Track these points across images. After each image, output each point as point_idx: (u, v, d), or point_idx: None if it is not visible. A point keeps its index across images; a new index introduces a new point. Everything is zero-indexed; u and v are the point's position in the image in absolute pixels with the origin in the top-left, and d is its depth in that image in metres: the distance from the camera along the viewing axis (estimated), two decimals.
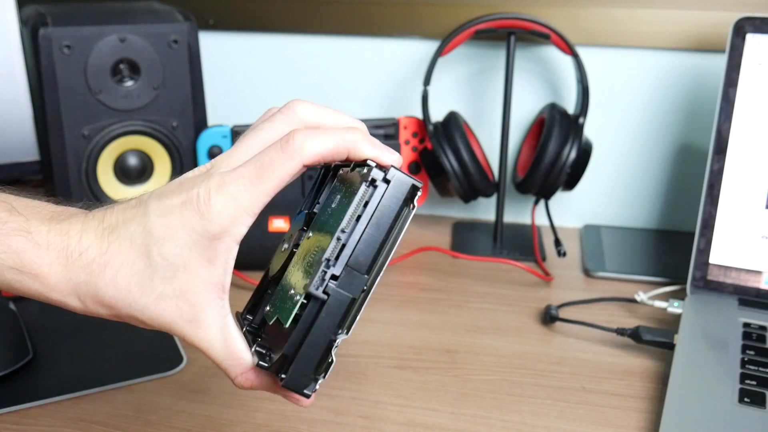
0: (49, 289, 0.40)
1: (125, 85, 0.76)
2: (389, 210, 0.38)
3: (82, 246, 0.39)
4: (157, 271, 0.38)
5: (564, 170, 0.79)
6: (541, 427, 0.56)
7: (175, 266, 0.38)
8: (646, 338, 0.64)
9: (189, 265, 0.38)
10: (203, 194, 0.38)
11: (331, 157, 0.39)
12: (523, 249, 0.84)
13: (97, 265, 0.39)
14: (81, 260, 0.39)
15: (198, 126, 0.79)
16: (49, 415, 0.56)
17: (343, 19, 0.90)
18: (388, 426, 0.55)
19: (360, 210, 0.38)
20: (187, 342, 0.40)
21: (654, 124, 0.87)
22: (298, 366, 0.38)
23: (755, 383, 0.57)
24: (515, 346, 0.66)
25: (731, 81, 0.68)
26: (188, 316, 0.39)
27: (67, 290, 0.40)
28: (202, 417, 0.56)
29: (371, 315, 0.71)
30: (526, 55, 0.87)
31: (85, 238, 0.40)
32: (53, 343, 0.64)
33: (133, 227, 0.39)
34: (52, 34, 0.72)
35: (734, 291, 0.69)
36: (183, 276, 0.38)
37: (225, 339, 0.40)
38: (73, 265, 0.39)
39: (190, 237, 0.38)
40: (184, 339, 0.40)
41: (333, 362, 0.39)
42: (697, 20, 0.82)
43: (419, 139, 0.88)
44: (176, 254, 0.38)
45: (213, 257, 0.38)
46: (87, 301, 0.40)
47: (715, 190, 0.69)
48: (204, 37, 0.94)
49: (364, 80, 0.93)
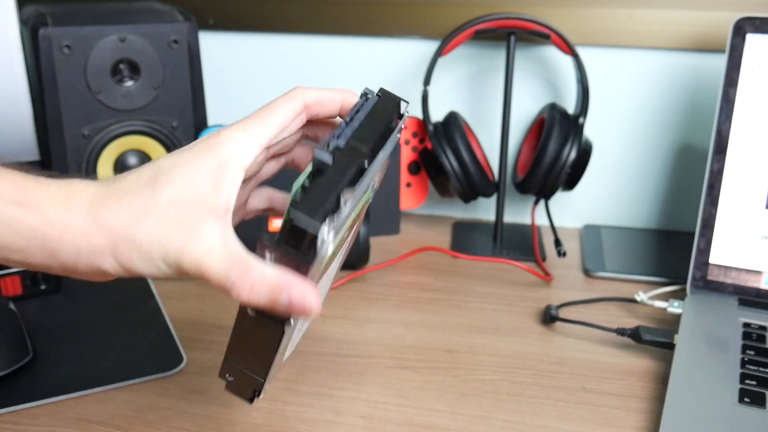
0: (48, 222, 0.39)
1: (125, 85, 0.76)
2: (382, 111, 0.44)
3: (85, 187, 0.41)
4: (161, 195, 0.39)
5: (564, 170, 0.79)
6: (541, 427, 0.56)
7: (180, 191, 0.39)
8: (646, 338, 0.64)
9: (195, 190, 0.39)
10: (213, 134, 0.41)
11: (328, 100, 0.45)
12: (523, 249, 0.84)
13: (101, 196, 0.40)
14: (83, 194, 0.40)
15: (198, 126, 0.79)
16: (49, 415, 0.56)
17: (343, 19, 0.90)
18: (388, 426, 0.55)
19: (357, 112, 0.43)
20: (187, 266, 0.39)
21: (654, 124, 0.87)
22: (307, 198, 0.37)
23: (755, 383, 0.57)
24: (515, 346, 0.66)
25: (731, 81, 0.68)
26: (189, 231, 0.39)
27: (65, 221, 0.39)
28: (202, 417, 0.56)
29: (371, 315, 0.71)
30: (526, 55, 0.87)
31: (88, 184, 0.41)
32: (53, 343, 0.64)
33: (141, 172, 0.41)
34: (52, 34, 0.72)
35: (734, 291, 0.69)
36: (188, 199, 0.39)
37: (226, 246, 0.39)
38: (74, 199, 0.40)
39: (199, 164, 0.40)
40: (182, 260, 0.39)
41: (342, 213, 0.38)
42: (697, 20, 0.82)
43: (419, 139, 0.88)
44: (183, 180, 0.39)
45: (220, 182, 0.40)
46: (87, 223, 0.39)
47: (715, 190, 0.69)
48: (204, 37, 0.94)
49: (364, 80, 0.93)
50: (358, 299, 0.74)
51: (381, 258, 0.82)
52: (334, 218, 0.37)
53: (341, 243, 0.42)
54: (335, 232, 0.37)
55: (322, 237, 0.36)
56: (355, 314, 0.71)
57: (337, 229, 0.37)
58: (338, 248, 0.42)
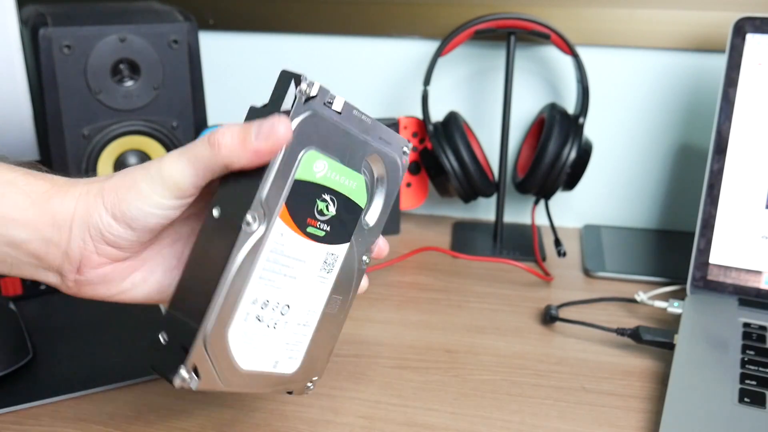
0: (56, 186, 0.44)
1: (125, 85, 0.76)
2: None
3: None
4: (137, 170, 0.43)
5: (564, 170, 0.79)
6: (541, 427, 0.56)
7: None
8: (646, 338, 0.64)
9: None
10: None
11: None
12: (523, 249, 0.84)
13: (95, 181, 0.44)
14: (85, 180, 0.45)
15: (198, 126, 0.79)
16: (49, 415, 0.56)
17: (343, 19, 0.90)
18: (388, 426, 0.55)
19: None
20: (168, 165, 0.41)
21: (654, 124, 0.87)
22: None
23: (755, 383, 0.57)
24: (515, 346, 0.66)
25: (731, 81, 0.68)
26: (160, 160, 0.42)
27: (70, 185, 0.44)
28: (202, 417, 0.56)
29: (371, 315, 0.71)
30: (526, 55, 0.87)
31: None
32: (53, 343, 0.64)
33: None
34: (52, 34, 0.72)
35: (734, 291, 0.69)
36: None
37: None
38: (79, 181, 0.45)
39: None
40: (163, 167, 0.41)
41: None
42: (697, 20, 0.82)
43: (419, 139, 0.88)
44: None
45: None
46: (86, 186, 0.43)
47: (715, 190, 0.69)
48: (204, 37, 0.94)
49: (364, 80, 0.93)
50: (359, 299, 0.73)
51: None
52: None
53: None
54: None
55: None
56: (355, 314, 0.71)
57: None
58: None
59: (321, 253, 0.46)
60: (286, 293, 0.44)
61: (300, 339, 0.47)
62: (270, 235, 0.41)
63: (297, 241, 0.43)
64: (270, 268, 0.42)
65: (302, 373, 0.48)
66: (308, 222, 0.44)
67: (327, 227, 0.45)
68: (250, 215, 0.40)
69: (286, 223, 0.42)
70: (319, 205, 0.44)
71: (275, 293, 0.44)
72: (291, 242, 0.43)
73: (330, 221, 0.45)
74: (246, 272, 0.41)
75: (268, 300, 0.43)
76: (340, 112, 0.44)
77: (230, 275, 0.40)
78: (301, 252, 0.44)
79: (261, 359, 0.45)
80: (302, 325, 0.47)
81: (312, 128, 0.42)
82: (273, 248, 0.42)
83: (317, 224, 0.44)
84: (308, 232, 0.44)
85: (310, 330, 0.48)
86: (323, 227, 0.45)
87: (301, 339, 0.47)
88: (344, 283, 0.49)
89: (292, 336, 0.46)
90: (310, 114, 0.42)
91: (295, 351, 0.47)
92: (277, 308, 0.44)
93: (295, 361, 0.48)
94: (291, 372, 0.48)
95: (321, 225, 0.45)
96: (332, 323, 0.49)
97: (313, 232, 0.44)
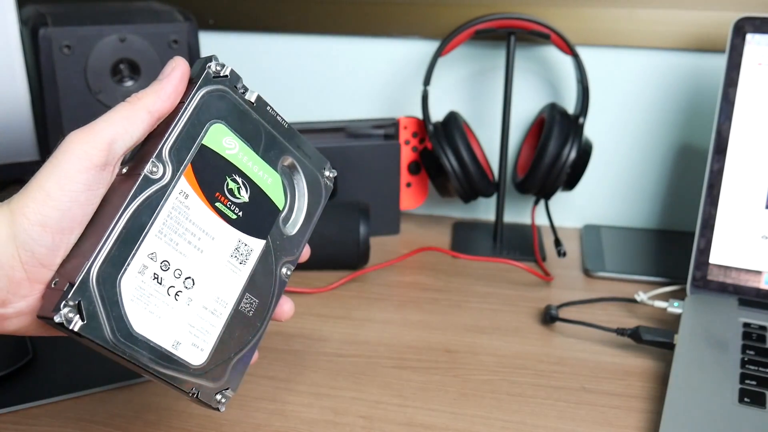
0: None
1: (125, 85, 0.76)
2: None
3: None
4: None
5: (564, 170, 0.79)
6: (541, 427, 0.56)
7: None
8: (646, 338, 0.64)
9: None
10: None
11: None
12: (523, 249, 0.84)
13: None
14: None
15: None
16: (49, 415, 0.56)
17: (343, 19, 0.90)
18: (388, 426, 0.55)
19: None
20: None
21: (654, 124, 0.87)
22: None
23: (755, 383, 0.57)
24: (515, 346, 0.66)
25: (731, 81, 0.68)
26: None
27: None
28: (202, 417, 0.56)
29: (371, 315, 0.71)
30: (526, 55, 0.87)
31: None
32: (53, 343, 0.64)
33: None
34: (52, 34, 0.72)
35: (734, 291, 0.69)
36: None
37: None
38: None
39: None
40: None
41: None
42: (697, 20, 0.82)
43: (419, 139, 0.88)
44: None
45: None
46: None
47: (715, 190, 0.69)
48: (204, 37, 0.94)
49: (364, 80, 0.93)
50: (358, 299, 0.74)
51: (381, 258, 0.82)
52: None
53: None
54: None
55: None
56: (355, 314, 0.71)
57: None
58: None
59: (232, 237, 0.45)
60: (191, 265, 0.43)
61: (207, 328, 0.44)
62: (173, 192, 0.42)
63: (204, 211, 0.44)
64: (172, 227, 0.42)
65: (210, 375, 0.45)
66: (217, 196, 0.44)
67: (239, 212, 0.45)
68: (152, 164, 0.41)
69: (192, 187, 0.43)
70: (230, 183, 0.45)
71: (178, 258, 0.42)
72: (197, 210, 0.43)
73: (242, 207, 0.46)
74: (143, 220, 0.40)
75: (168, 261, 0.42)
76: (253, 103, 0.46)
77: (126, 216, 0.40)
78: (209, 226, 0.44)
79: (158, 329, 0.42)
80: (210, 312, 0.44)
81: (221, 104, 0.44)
82: (176, 206, 0.42)
83: (227, 203, 0.45)
84: (217, 207, 0.44)
85: (219, 321, 0.45)
86: (234, 210, 0.45)
87: (208, 329, 0.44)
88: (261, 286, 0.47)
89: (198, 320, 0.44)
90: (218, 89, 0.44)
91: (200, 340, 0.44)
92: (180, 277, 0.43)
93: (200, 353, 0.44)
94: (196, 364, 0.44)
95: (232, 206, 0.45)
96: (246, 327, 0.47)
97: (222, 210, 0.45)
